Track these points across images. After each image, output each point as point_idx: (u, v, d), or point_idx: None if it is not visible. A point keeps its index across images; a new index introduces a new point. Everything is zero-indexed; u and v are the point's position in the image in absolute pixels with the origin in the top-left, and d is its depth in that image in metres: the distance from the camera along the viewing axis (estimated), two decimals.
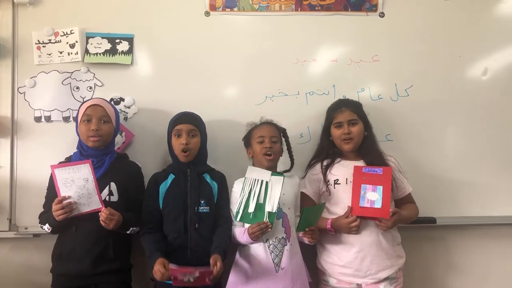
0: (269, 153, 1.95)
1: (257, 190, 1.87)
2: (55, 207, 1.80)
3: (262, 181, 1.88)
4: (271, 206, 1.83)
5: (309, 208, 1.89)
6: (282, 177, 1.87)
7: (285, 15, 2.31)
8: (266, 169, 1.95)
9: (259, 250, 1.91)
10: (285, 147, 2.10)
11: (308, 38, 2.31)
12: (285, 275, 1.88)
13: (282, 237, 1.91)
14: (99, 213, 1.81)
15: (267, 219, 1.82)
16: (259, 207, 1.85)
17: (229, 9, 2.29)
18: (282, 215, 1.94)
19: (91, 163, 1.84)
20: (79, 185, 1.82)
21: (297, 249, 1.97)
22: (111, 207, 1.85)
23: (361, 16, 2.32)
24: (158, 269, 1.75)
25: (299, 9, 2.31)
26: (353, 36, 2.32)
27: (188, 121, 2.00)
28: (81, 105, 2.03)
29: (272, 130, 2.01)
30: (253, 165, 2.02)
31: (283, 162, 2.10)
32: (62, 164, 1.91)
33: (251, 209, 1.85)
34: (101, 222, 1.81)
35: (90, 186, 1.83)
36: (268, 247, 1.90)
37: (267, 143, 1.96)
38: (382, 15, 2.33)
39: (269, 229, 1.81)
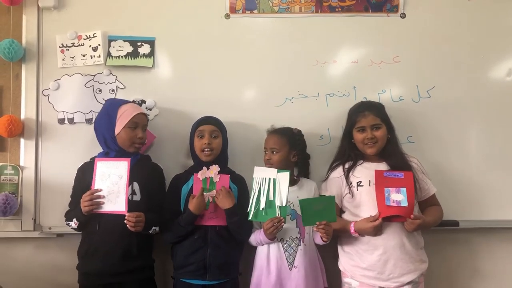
0: (267, 164, 2.02)
1: (266, 187, 1.91)
2: (85, 198, 1.85)
3: (269, 178, 1.92)
4: (280, 200, 1.87)
5: (307, 200, 1.89)
6: (288, 173, 1.90)
7: (305, 17, 2.30)
8: None
9: (273, 248, 1.96)
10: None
11: (328, 39, 2.30)
12: (298, 273, 1.94)
13: (296, 237, 1.97)
14: (125, 220, 1.84)
15: (279, 214, 1.86)
16: (270, 204, 1.89)
17: (249, 12, 2.30)
18: (296, 216, 1.98)
19: (129, 162, 1.89)
20: (113, 181, 1.88)
21: (312, 250, 2.01)
22: (133, 206, 1.88)
23: (382, 17, 2.30)
24: (195, 198, 1.90)
25: (319, 10, 2.30)
26: (374, 37, 2.30)
27: (211, 122, 2.04)
28: (120, 105, 2.01)
29: (273, 141, 2.03)
30: None
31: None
32: (105, 158, 1.95)
33: (262, 205, 1.89)
34: (130, 228, 1.84)
35: (122, 184, 1.87)
36: (283, 246, 1.96)
37: (267, 154, 2.04)
38: (403, 16, 2.31)
39: (283, 223, 1.86)
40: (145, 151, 2.20)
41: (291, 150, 2.04)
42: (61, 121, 2.24)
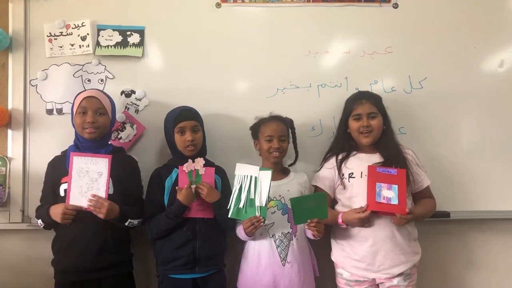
0: (276, 152, 1.97)
1: (247, 185, 1.87)
2: (68, 211, 1.80)
3: (251, 176, 1.88)
4: (260, 200, 1.84)
5: (298, 198, 1.88)
6: (270, 171, 1.87)
7: (297, 6, 2.28)
8: (272, 165, 1.99)
9: (265, 244, 1.94)
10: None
11: (320, 29, 2.28)
12: (291, 269, 1.91)
13: (288, 232, 1.94)
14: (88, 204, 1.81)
15: (258, 213, 1.83)
16: (250, 202, 1.86)
17: (240, 1, 2.27)
18: (287, 210, 1.95)
19: (110, 159, 1.85)
20: (92, 177, 1.84)
21: (304, 244, 1.99)
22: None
23: (374, 7, 2.29)
24: (183, 190, 1.87)
25: (311, 0, 2.28)
26: (366, 27, 2.28)
27: (191, 117, 1.99)
28: (76, 96, 1.98)
29: (281, 129, 2.00)
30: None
31: (288, 156, 2.10)
32: (82, 153, 1.89)
33: (241, 204, 1.86)
34: (96, 213, 1.80)
35: (102, 181, 1.84)
36: (274, 242, 1.93)
37: (276, 143, 1.97)
38: (395, 6, 2.29)
39: (262, 223, 1.83)
40: (134, 142, 2.18)
41: (289, 139, 2.05)
42: (50, 112, 2.21)
